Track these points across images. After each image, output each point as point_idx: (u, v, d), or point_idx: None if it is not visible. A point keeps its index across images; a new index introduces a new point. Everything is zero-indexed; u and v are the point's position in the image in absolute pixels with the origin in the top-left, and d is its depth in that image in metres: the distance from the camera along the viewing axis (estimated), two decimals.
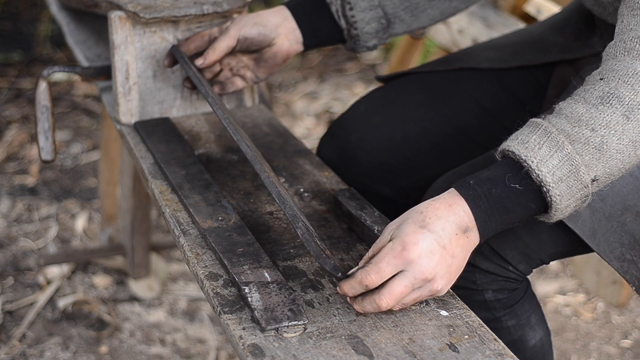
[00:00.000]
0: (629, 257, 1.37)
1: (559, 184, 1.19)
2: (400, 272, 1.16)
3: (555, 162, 1.18)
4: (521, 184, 1.20)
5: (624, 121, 1.19)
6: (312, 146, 1.75)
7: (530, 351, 1.47)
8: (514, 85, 1.66)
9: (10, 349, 2.30)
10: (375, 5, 1.62)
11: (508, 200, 1.20)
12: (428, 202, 1.20)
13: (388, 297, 1.17)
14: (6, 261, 2.65)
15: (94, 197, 2.97)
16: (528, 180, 1.19)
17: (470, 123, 1.64)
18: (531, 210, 1.21)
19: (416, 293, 1.18)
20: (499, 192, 1.20)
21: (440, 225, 1.18)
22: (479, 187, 1.20)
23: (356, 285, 1.18)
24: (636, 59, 1.22)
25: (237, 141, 1.39)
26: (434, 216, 1.18)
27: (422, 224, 1.18)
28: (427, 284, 1.18)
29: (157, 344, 2.35)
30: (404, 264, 1.16)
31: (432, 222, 1.18)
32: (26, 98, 3.54)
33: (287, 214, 1.25)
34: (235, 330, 1.19)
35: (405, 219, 1.19)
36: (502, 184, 1.20)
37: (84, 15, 2.16)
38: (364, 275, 1.17)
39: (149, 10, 1.66)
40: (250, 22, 1.61)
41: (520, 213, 1.21)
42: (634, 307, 2.49)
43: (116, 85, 1.71)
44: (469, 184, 1.21)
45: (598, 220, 1.34)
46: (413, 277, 1.16)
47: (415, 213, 1.19)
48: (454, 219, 1.19)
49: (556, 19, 1.71)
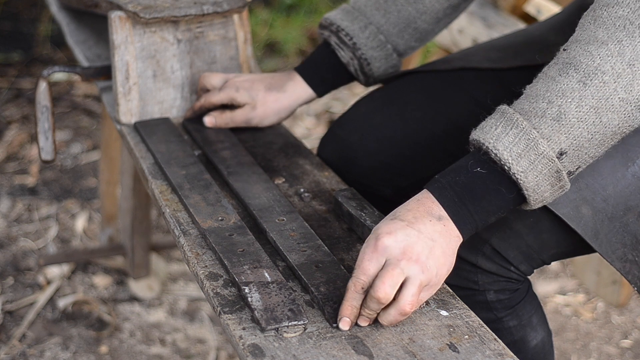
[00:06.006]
0: (631, 257, 1.36)
1: (518, 160, 1.18)
2: (384, 265, 1.17)
3: (511, 138, 1.19)
4: (483, 167, 1.21)
5: (580, 87, 1.18)
6: (312, 146, 1.75)
7: (532, 352, 1.47)
8: (514, 85, 1.66)
9: (10, 349, 2.30)
10: (390, 53, 1.68)
11: (474, 185, 1.21)
12: (400, 205, 1.24)
13: (381, 286, 1.15)
14: (6, 261, 2.64)
15: (94, 197, 2.97)
16: (490, 163, 1.21)
17: (471, 123, 1.63)
18: (504, 195, 1.21)
19: (414, 282, 1.17)
20: (462, 179, 1.22)
21: (411, 215, 1.20)
22: (444, 178, 1.23)
23: (352, 294, 1.18)
24: (600, 26, 1.20)
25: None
26: (404, 211, 1.22)
27: (393, 217, 1.21)
28: (414, 266, 1.16)
29: (157, 344, 2.35)
30: (383, 253, 1.17)
31: (402, 214, 1.21)
32: (26, 98, 3.54)
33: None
34: (235, 330, 1.19)
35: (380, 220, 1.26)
36: (465, 171, 1.22)
37: (84, 15, 2.16)
38: (354, 282, 1.18)
39: (149, 10, 1.66)
40: (269, 110, 1.70)
41: (493, 199, 1.21)
42: (634, 307, 2.49)
43: (116, 85, 1.71)
44: (435, 178, 1.24)
45: (600, 221, 1.34)
46: (396, 259, 1.16)
47: (389, 214, 1.23)
48: (424, 209, 1.21)
49: (557, 19, 1.71)
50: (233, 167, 1.56)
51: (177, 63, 1.75)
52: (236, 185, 1.51)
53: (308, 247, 1.34)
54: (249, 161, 1.58)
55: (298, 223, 1.40)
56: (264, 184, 1.51)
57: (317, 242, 1.36)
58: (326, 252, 1.33)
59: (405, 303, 1.16)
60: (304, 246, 1.34)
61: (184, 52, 1.75)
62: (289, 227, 1.39)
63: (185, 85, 1.77)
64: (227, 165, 1.57)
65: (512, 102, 1.26)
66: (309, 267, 1.30)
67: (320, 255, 1.32)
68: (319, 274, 1.28)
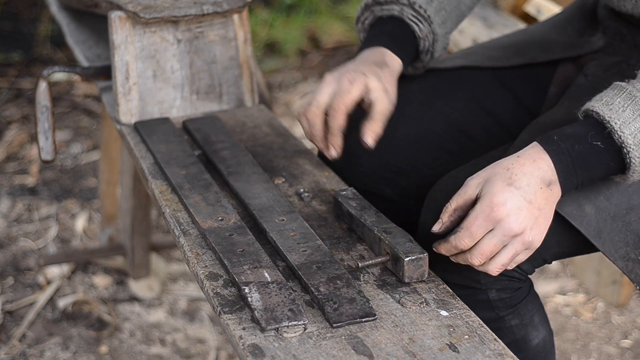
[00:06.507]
0: (633, 256, 1.37)
1: (639, 147, 1.24)
2: (490, 231, 1.23)
3: (638, 124, 1.24)
4: (603, 143, 1.26)
5: None
6: (312, 146, 1.74)
7: (533, 351, 1.47)
8: (515, 84, 1.66)
9: (10, 349, 2.30)
10: (447, 32, 1.61)
11: (589, 156, 1.26)
12: (513, 158, 1.27)
13: (479, 256, 1.25)
14: (6, 261, 2.64)
15: (94, 197, 2.97)
16: (610, 140, 1.25)
17: (471, 123, 1.64)
18: (610, 168, 1.28)
19: (510, 250, 1.25)
20: (581, 148, 1.26)
21: (525, 181, 1.24)
22: (563, 142, 1.26)
23: (451, 248, 1.27)
24: None
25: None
26: (519, 172, 1.25)
27: (509, 181, 1.24)
28: (517, 238, 1.24)
29: (157, 344, 2.35)
30: (494, 224, 1.23)
31: (518, 178, 1.24)
32: (26, 98, 3.54)
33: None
34: (235, 330, 1.19)
35: (492, 174, 1.26)
36: (585, 141, 1.26)
37: (84, 15, 2.16)
38: (457, 240, 1.25)
39: (149, 10, 1.66)
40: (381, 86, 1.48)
41: (599, 171, 1.28)
42: (634, 307, 2.49)
43: (116, 85, 1.71)
44: (553, 139, 1.27)
45: (603, 220, 1.35)
46: (502, 235, 1.23)
47: (502, 169, 1.26)
48: (539, 174, 1.25)
49: (558, 18, 1.71)
50: (233, 167, 1.56)
51: (177, 63, 1.75)
52: (236, 185, 1.51)
53: (308, 247, 1.34)
54: (249, 161, 1.58)
55: (298, 223, 1.40)
56: (264, 184, 1.51)
57: (317, 242, 1.36)
58: (326, 252, 1.33)
59: (494, 268, 1.26)
60: (304, 246, 1.34)
61: (183, 52, 1.75)
62: (289, 227, 1.39)
63: (185, 85, 1.77)
64: (227, 165, 1.57)
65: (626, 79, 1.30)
66: (309, 267, 1.30)
67: (320, 255, 1.32)
68: (319, 274, 1.28)
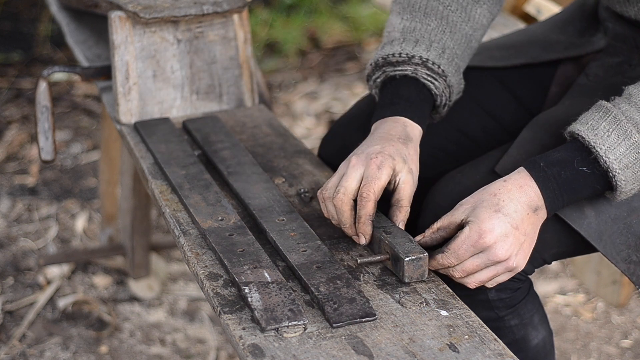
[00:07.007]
0: (635, 259, 1.37)
1: (624, 171, 1.26)
2: (476, 254, 1.26)
3: (623, 149, 1.26)
4: (589, 168, 1.28)
5: None
6: (312, 146, 1.75)
7: (533, 351, 1.47)
8: (515, 84, 1.66)
9: (10, 349, 2.30)
10: (461, 78, 1.53)
11: (576, 182, 1.28)
12: (500, 183, 1.29)
13: (461, 272, 1.28)
14: (6, 261, 2.64)
15: (94, 197, 2.97)
16: (595, 164, 1.27)
17: (471, 123, 1.64)
18: (596, 191, 1.30)
19: (492, 271, 1.28)
20: (567, 174, 1.28)
21: (512, 207, 1.26)
22: (549, 169, 1.28)
23: (437, 265, 1.30)
24: None
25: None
26: (507, 199, 1.27)
27: (497, 207, 1.26)
28: (501, 263, 1.27)
29: (157, 344, 2.35)
30: (481, 249, 1.26)
31: (505, 205, 1.26)
32: (26, 98, 3.54)
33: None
34: (235, 330, 1.19)
35: (479, 200, 1.28)
36: (570, 167, 1.28)
37: (84, 15, 2.16)
38: (444, 260, 1.28)
39: (149, 10, 1.66)
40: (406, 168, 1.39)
41: (586, 193, 1.30)
42: (634, 307, 2.49)
43: (116, 85, 1.71)
44: (540, 165, 1.29)
45: (604, 222, 1.35)
46: (487, 259, 1.26)
47: (489, 195, 1.28)
48: (525, 200, 1.27)
49: (558, 18, 1.71)
50: (233, 167, 1.56)
51: (177, 63, 1.75)
52: (236, 185, 1.51)
53: (308, 247, 1.34)
54: (249, 161, 1.58)
55: (298, 223, 1.40)
56: (264, 184, 1.51)
57: (317, 242, 1.36)
58: (326, 252, 1.33)
59: (473, 282, 1.29)
60: (304, 246, 1.34)
61: (183, 52, 1.75)
62: (289, 227, 1.39)
63: (185, 85, 1.77)
64: (227, 165, 1.57)
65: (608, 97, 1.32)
66: (309, 267, 1.30)
67: (320, 255, 1.32)
68: (319, 274, 1.28)
